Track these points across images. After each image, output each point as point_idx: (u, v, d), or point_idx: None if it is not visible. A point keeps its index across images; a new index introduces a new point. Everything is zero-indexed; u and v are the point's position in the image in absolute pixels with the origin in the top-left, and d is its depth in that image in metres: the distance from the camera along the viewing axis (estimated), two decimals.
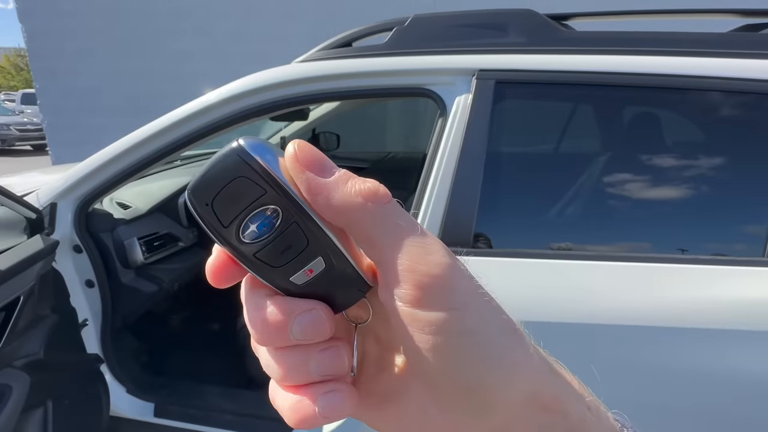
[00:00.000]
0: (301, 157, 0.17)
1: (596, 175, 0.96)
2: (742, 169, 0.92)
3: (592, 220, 0.96)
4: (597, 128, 1.04)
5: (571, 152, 1.07)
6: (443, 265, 0.16)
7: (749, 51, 0.93)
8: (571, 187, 0.96)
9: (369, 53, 1.08)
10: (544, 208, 0.96)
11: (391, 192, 0.18)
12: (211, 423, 1.32)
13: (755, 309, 0.83)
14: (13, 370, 0.87)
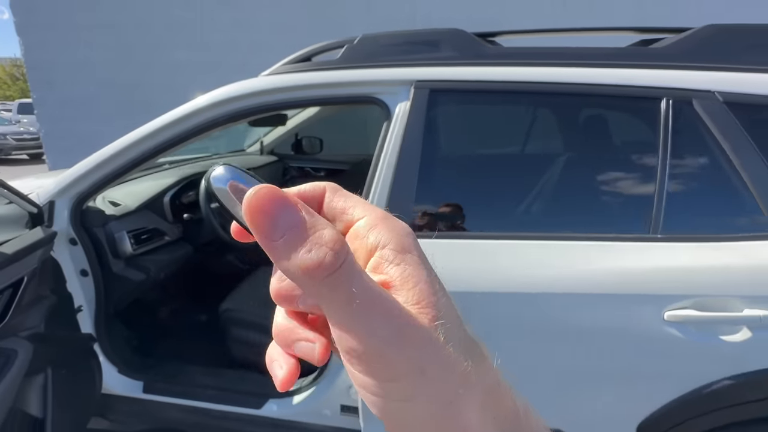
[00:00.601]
0: (249, 217, 0.16)
1: (512, 169, 1.13)
2: (633, 162, 1.10)
3: (507, 206, 1.14)
4: (514, 129, 1.22)
5: (491, 150, 1.25)
6: (381, 344, 0.16)
7: (641, 62, 1.11)
8: (491, 179, 1.13)
9: (324, 67, 1.25)
10: (469, 197, 1.13)
11: None
12: (195, 397, 1.47)
13: (643, 278, 1.01)
14: (19, 339, 1.03)
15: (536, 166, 1.16)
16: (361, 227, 0.19)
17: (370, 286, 0.16)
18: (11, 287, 1.02)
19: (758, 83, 1.04)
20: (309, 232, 0.16)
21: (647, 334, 0.98)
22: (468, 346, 0.18)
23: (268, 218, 0.16)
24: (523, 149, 1.17)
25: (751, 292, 0.95)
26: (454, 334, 0.18)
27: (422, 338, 0.16)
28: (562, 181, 1.13)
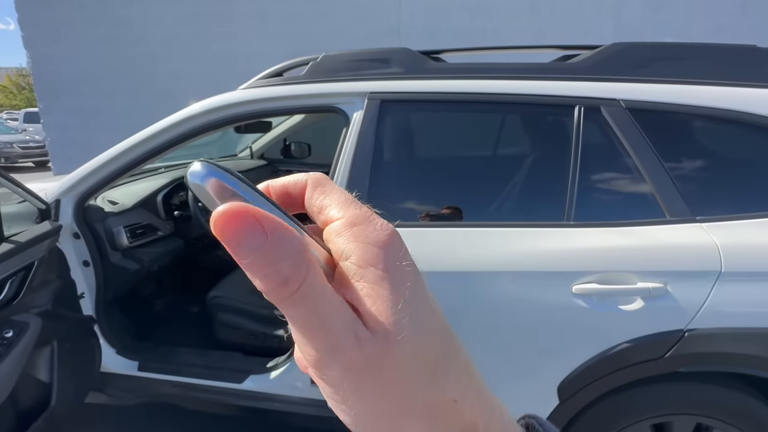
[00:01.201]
0: (217, 235, 0.16)
1: (452, 168, 1.32)
2: (552, 160, 1.28)
3: (445, 200, 1.32)
4: (453, 134, 1.40)
5: (433, 152, 1.44)
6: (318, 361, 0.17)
7: (559, 75, 1.30)
8: (432, 177, 1.31)
9: (293, 81, 1.45)
10: (413, 192, 1.32)
11: None
12: (184, 374, 1.64)
13: (556, 257, 1.18)
14: (30, 314, 1.21)
15: (470, 164, 1.34)
16: (332, 231, 0.19)
17: (316, 311, 0.17)
18: (24, 270, 1.21)
19: (654, 92, 1.22)
20: (268, 257, 0.16)
21: (559, 306, 1.16)
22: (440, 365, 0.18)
23: (234, 240, 0.16)
24: (460, 151, 1.36)
25: (644, 268, 1.13)
26: (417, 351, 0.17)
27: (354, 360, 0.17)
28: (492, 176, 1.32)
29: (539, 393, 1.24)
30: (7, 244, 1.17)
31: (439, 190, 1.32)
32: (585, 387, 1.20)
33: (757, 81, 1.19)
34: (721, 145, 1.22)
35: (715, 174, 1.20)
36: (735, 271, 1.08)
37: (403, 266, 0.18)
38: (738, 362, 1.10)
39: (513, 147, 1.32)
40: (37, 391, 1.24)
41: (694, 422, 1.23)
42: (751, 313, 1.08)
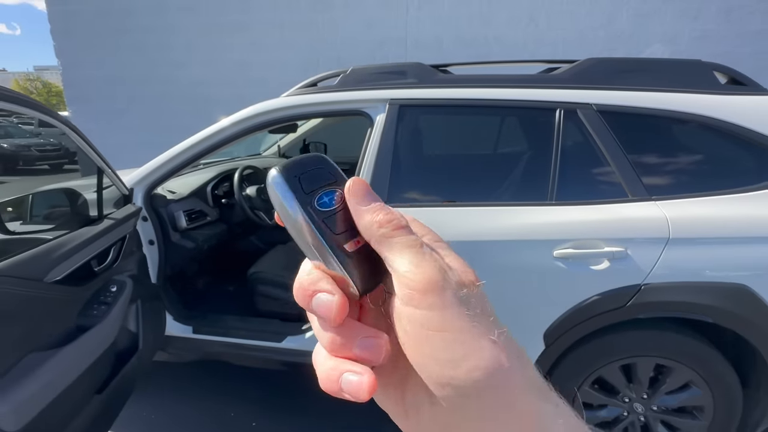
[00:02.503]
0: (351, 189, 0.23)
1: (459, 160, 1.63)
2: (538, 153, 1.59)
3: (454, 186, 1.63)
4: (459, 133, 1.72)
5: (444, 147, 1.75)
6: (429, 278, 0.20)
7: (545, 84, 1.61)
8: (444, 167, 1.63)
9: (327, 90, 1.77)
10: (427, 180, 1.63)
11: None
12: (232, 335, 1.96)
13: (541, 229, 1.49)
14: (125, 276, 1.54)
15: (475, 157, 1.65)
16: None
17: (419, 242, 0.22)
18: (120, 241, 1.53)
19: (620, 97, 1.53)
20: (382, 207, 0.23)
21: (542, 268, 1.46)
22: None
23: (362, 191, 0.24)
24: (464, 147, 1.67)
25: (610, 236, 1.43)
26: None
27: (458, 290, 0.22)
28: (492, 166, 1.63)
29: (529, 340, 1.54)
30: (108, 221, 1.49)
31: (448, 179, 1.63)
32: (565, 333, 1.50)
33: (699, 88, 1.50)
34: (671, 139, 1.52)
35: (667, 162, 1.50)
36: (680, 237, 1.38)
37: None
38: (682, 309, 1.40)
39: (507, 143, 1.64)
40: (129, 337, 1.56)
41: (653, 363, 1.53)
42: (692, 270, 1.38)
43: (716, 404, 1.53)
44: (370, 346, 0.21)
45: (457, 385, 0.20)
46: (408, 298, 0.21)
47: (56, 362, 1.10)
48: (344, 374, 0.21)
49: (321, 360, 0.22)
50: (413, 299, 0.21)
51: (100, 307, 1.35)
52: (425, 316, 0.20)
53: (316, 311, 0.22)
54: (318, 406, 2.07)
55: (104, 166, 1.49)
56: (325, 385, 0.21)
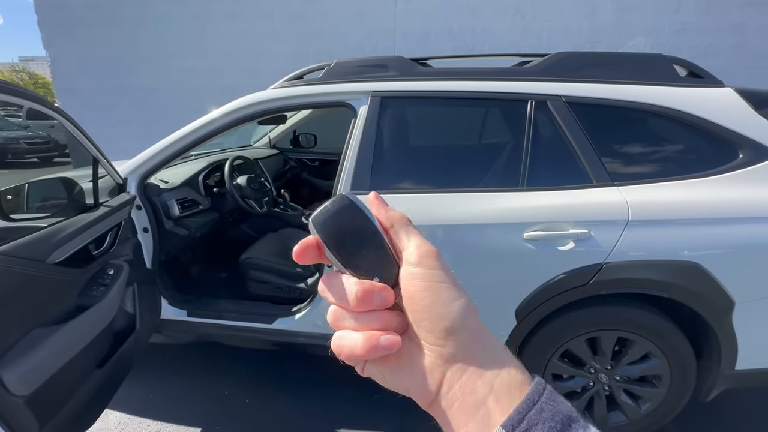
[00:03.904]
0: (374, 200, 0.32)
1: (437, 149, 1.73)
2: (511, 142, 1.69)
3: (433, 174, 1.73)
4: (438, 124, 1.81)
5: (423, 136, 1.85)
6: (433, 249, 0.30)
7: (518, 77, 1.70)
8: (423, 156, 1.72)
9: (312, 82, 1.85)
10: (408, 169, 1.73)
11: None
12: (223, 318, 2.05)
13: (512, 213, 1.59)
14: (120, 260, 1.62)
15: (451, 146, 1.75)
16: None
17: (418, 232, 0.31)
18: (116, 227, 1.61)
19: (587, 90, 1.63)
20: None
21: (514, 249, 1.57)
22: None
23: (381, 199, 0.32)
24: (443, 136, 1.77)
25: (574, 219, 1.54)
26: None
27: None
28: (468, 155, 1.73)
29: (502, 316, 1.66)
30: (104, 208, 1.57)
31: (427, 166, 1.73)
32: (535, 309, 1.62)
33: (660, 80, 1.60)
34: (633, 129, 1.63)
35: (628, 151, 1.62)
36: (638, 219, 1.50)
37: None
38: (640, 285, 1.53)
39: (482, 133, 1.74)
40: (126, 317, 1.65)
41: (615, 336, 1.66)
42: (649, 249, 1.50)
43: (673, 373, 1.66)
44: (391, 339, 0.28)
45: (451, 319, 0.27)
46: (420, 260, 0.28)
47: (59, 337, 1.19)
48: (381, 336, 0.28)
49: (351, 335, 0.29)
50: (425, 261, 0.28)
51: (98, 288, 1.44)
52: (433, 273, 0.28)
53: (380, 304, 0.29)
54: (307, 382, 2.19)
55: (99, 156, 1.56)
56: (371, 344, 0.27)
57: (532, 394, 0.25)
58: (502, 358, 0.28)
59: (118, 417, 1.99)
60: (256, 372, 2.27)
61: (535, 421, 0.24)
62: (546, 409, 0.24)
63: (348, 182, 1.70)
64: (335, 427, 1.92)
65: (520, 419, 0.24)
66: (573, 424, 0.24)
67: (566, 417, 0.24)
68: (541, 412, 0.24)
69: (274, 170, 3.28)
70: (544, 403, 0.25)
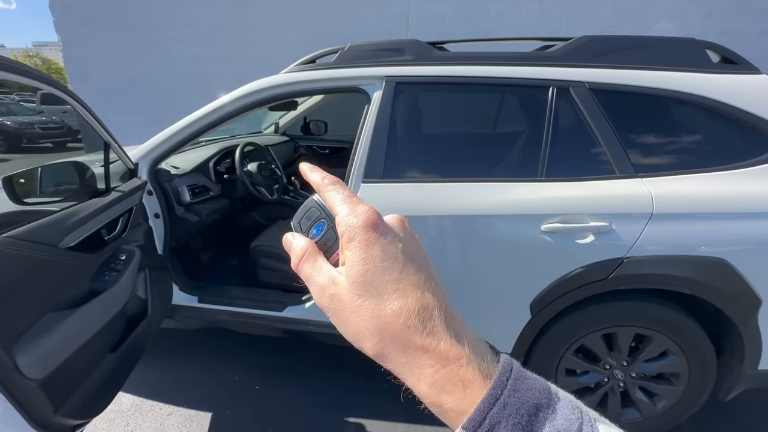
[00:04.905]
0: (304, 166, 0.34)
1: (452, 136, 1.67)
2: (531, 130, 1.63)
3: (449, 162, 1.68)
4: (455, 110, 1.75)
5: (439, 123, 1.79)
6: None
7: (539, 62, 1.63)
8: (438, 143, 1.67)
9: (325, 67, 1.80)
10: (423, 158, 1.68)
11: None
12: (234, 305, 2.05)
13: (530, 204, 1.54)
14: (133, 246, 1.62)
15: (470, 134, 1.69)
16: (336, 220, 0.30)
17: (309, 272, 0.30)
18: (127, 212, 1.61)
19: (612, 76, 1.55)
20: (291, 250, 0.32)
21: (531, 241, 1.53)
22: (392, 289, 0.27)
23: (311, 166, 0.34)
24: (459, 123, 1.71)
25: (595, 211, 1.49)
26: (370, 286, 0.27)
27: (333, 295, 0.28)
28: (486, 144, 1.67)
29: (516, 309, 1.63)
30: (115, 193, 1.56)
31: (442, 155, 1.68)
32: (550, 303, 1.58)
33: (691, 66, 1.52)
34: (661, 118, 1.56)
35: (655, 141, 1.54)
36: (663, 213, 1.44)
37: (370, 238, 0.28)
38: (661, 281, 1.47)
39: (501, 120, 1.68)
40: (138, 302, 1.66)
41: (633, 332, 1.62)
42: (673, 244, 1.44)
43: (691, 371, 1.62)
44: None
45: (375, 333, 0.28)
46: (342, 246, 0.29)
47: (72, 321, 1.19)
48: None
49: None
50: (344, 247, 0.29)
51: (111, 273, 1.43)
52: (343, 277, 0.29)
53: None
54: (318, 370, 2.19)
55: (110, 140, 1.54)
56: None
57: (494, 388, 0.23)
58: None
59: (131, 399, 2.02)
60: (266, 358, 2.29)
61: (498, 419, 0.22)
62: (510, 403, 0.23)
63: (360, 171, 1.66)
64: (345, 415, 1.92)
65: (482, 419, 0.23)
66: (540, 413, 0.23)
67: (532, 407, 0.23)
68: (505, 407, 0.23)
69: (284, 157, 3.25)
70: (507, 397, 0.23)
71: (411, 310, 0.26)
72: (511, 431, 0.22)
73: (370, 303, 0.27)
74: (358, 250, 0.28)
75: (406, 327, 0.26)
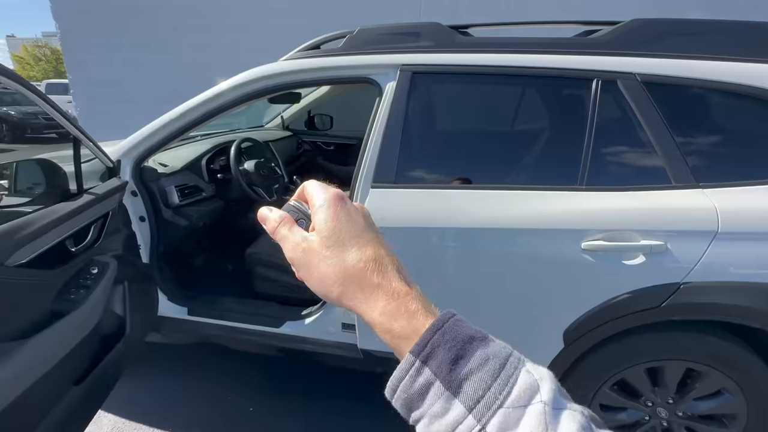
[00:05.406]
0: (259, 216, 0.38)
1: (479, 136, 1.44)
2: (570, 130, 1.39)
3: (474, 165, 1.45)
4: (480, 105, 1.52)
5: (462, 121, 1.56)
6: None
7: (580, 50, 1.39)
8: (460, 144, 1.44)
9: (330, 53, 1.57)
10: (442, 160, 1.46)
11: None
12: (227, 319, 1.85)
13: (568, 217, 1.32)
14: (108, 256, 1.41)
15: (497, 133, 1.46)
16: (312, 198, 0.36)
17: (285, 233, 0.35)
18: (102, 218, 1.40)
19: (669, 67, 1.31)
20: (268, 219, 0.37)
21: (569, 260, 1.30)
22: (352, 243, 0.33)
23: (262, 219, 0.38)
24: (487, 121, 1.47)
25: (647, 228, 1.25)
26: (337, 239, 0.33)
27: (306, 248, 0.34)
28: (516, 144, 1.44)
29: (547, 338, 1.40)
30: (87, 196, 1.35)
31: (465, 157, 1.45)
32: (588, 333, 1.36)
33: (765, 56, 1.27)
34: (727, 117, 1.32)
35: (720, 144, 1.30)
36: (730, 231, 1.20)
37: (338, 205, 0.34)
38: (726, 312, 1.24)
39: (535, 117, 1.44)
40: (114, 321, 1.46)
41: (684, 367, 1.39)
42: (741, 268, 1.21)
43: (750, 414, 1.39)
44: None
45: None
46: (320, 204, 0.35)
47: (24, 354, 0.99)
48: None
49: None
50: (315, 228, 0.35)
51: (78, 291, 1.23)
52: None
53: None
54: (318, 393, 1.99)
55: (80, 136, 1.34)
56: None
57: (437, 321, 0.30)
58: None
59: (111, 421, 1.84)
60: (263, 378, 2.09)
61: (438, 344, 0.28)
62: (448, 331, 0.29)
63: (369, 174, 1.44)
64: None
65: (425, 344, 0.29)
66: (474, 342, 0.29)
67: (467, 337, 0.29)
68: (443, 334, 0.29)
69: (287, 154, 3.03)
70: (447, 328, 0.29)
71: (369, 258, 0.32)
72: (447, 352, 0.28)
73: (335, 252, 0.33)
74: (328, 212, 0.34)
75: (364, 270, 0.32)
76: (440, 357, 0.28)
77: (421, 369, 0.28)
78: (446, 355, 0.28)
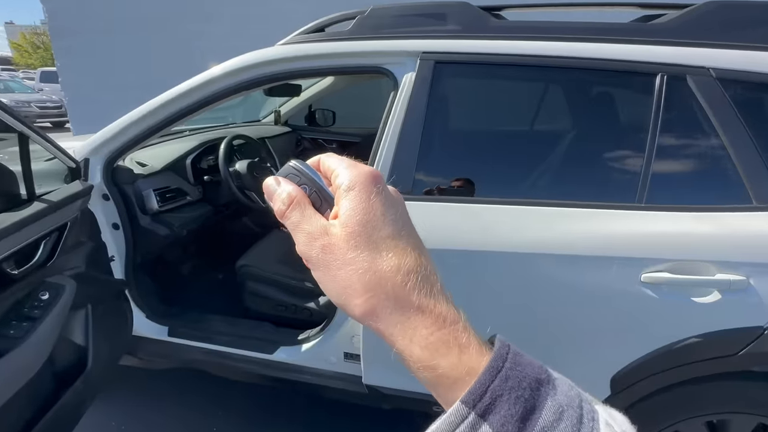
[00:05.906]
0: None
1: (512, 140, 1.20)
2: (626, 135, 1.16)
3: (509, 176, 1.21)
4: (517, 101, 1.27)
5: (493, 121, 1.31)
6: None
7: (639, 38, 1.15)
8: (492, 149, 1.20)
9: (336, 38, 1.32)
10: (469, 168, 1.21)
11: None
12: (213, 342, 1.62)
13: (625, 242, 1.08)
14: (64, 277, 1.17)
15: (535, 137, 1.22)
16: (335, 176, 0.28)
17: (297, 219, 0.27)
18: (57, 230, 1.16)
19: (751, 61, 1.07)
20: (274, 196, 0.28)
21: (625, 294, 1.07)
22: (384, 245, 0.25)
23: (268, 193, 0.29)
24: (525, 121, 1.23)
25: (725, 258, 1.02)
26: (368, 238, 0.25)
27: (325, 245, 0.26)
28: (558, 151, 1.20)
29: (590, 382, 1.17)
30: (39, 203, 1.11)
31: (497, 165, 1.21)
32: (641, 380, 1.13)
33: None
34: None
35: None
36: None
37: (372, 190, 0.26)
38: None
39: (583, 120, 1.19)
40: (73, 353, 1.22)
41: (755, 422, 1.17)
42: None
43: None
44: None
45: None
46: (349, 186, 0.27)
47: None
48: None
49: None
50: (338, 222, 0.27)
51: (20, 324, 1.00)
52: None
53: None
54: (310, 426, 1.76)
55: (29, 132, 1.09)
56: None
57: (495, 360, 0.23)
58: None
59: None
60: (251, 407, 1.85)
61: (500, 392, 0.21)
62: (512, 376, 0.22)
63: None
64: None
65: (483, 391, 0.21)
66: (542, 388, 0.22)
67: (534, 381, 0.22)
68: (507, 380, 0.22)
69: (285, 153, 2.77)
70: (509, 370, 0.22)
71: (410, 268, 0.25)
72: (513, 404, 0.21)
73: (366, 256, 0.25)
74: (358, 200, 0.26)
75: (404, 284, 0.24)
76: (504, 411, 0.21)
77: (478, 425, 0.21)
78: (512, 409, 0.21)
